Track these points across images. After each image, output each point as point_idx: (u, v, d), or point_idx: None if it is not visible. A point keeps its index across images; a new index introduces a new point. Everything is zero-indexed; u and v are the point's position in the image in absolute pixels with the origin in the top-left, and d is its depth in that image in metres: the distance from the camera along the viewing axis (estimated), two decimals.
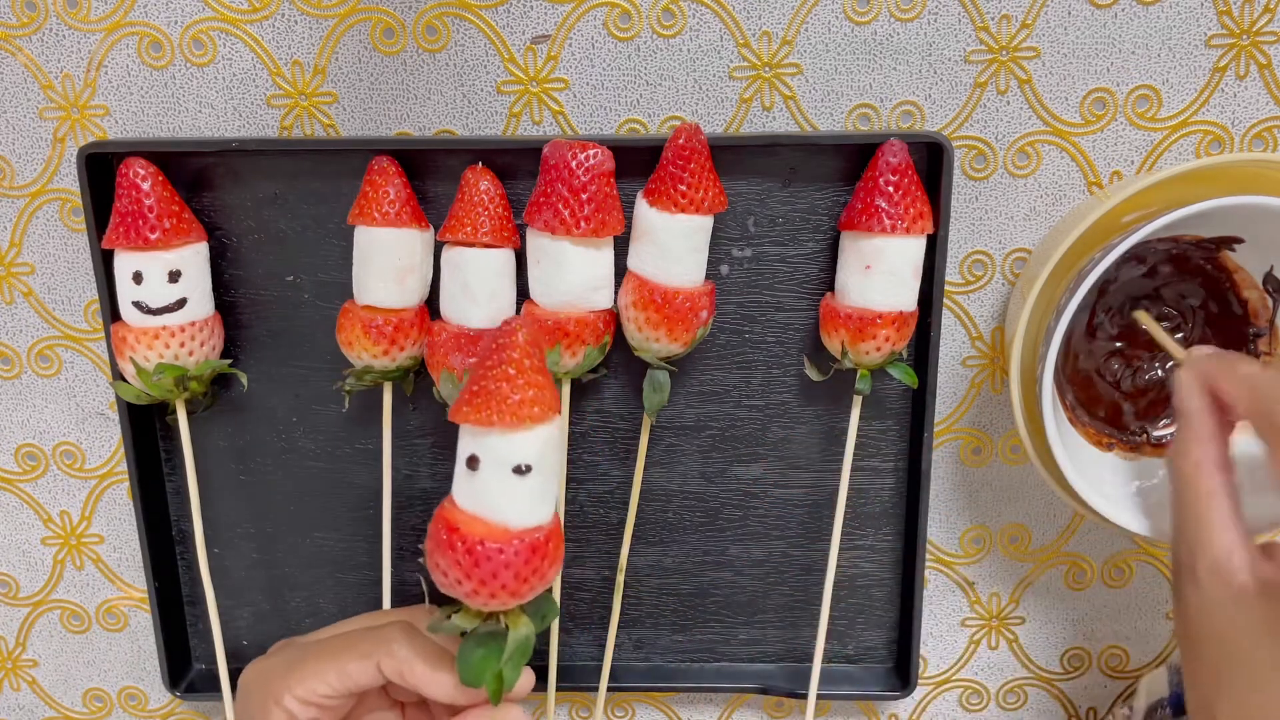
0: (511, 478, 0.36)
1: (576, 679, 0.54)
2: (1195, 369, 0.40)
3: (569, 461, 0.51)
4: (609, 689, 0.53)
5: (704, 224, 0.45)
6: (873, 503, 0.52)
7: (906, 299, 0.45)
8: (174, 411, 0.48)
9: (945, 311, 0.50)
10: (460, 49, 0.47)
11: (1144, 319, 0.46)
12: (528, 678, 0.40)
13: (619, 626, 0.52)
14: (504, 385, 0.36)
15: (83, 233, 0.50)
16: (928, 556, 0.53)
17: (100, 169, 0.47)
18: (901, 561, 0.52)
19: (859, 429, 0.50)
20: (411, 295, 0.47)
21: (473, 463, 0.37)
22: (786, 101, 0.47)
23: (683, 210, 0.44)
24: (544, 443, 0.37)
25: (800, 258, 0.48)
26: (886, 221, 0.44)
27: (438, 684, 0.39)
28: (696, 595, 0.54)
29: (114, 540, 0.55)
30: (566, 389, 0.47)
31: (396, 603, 0.52)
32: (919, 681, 0.55)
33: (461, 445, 0.37)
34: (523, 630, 0.38)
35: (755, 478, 0.52)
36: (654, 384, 0.47)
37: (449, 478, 0.51)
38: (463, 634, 0.38)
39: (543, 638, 0.45)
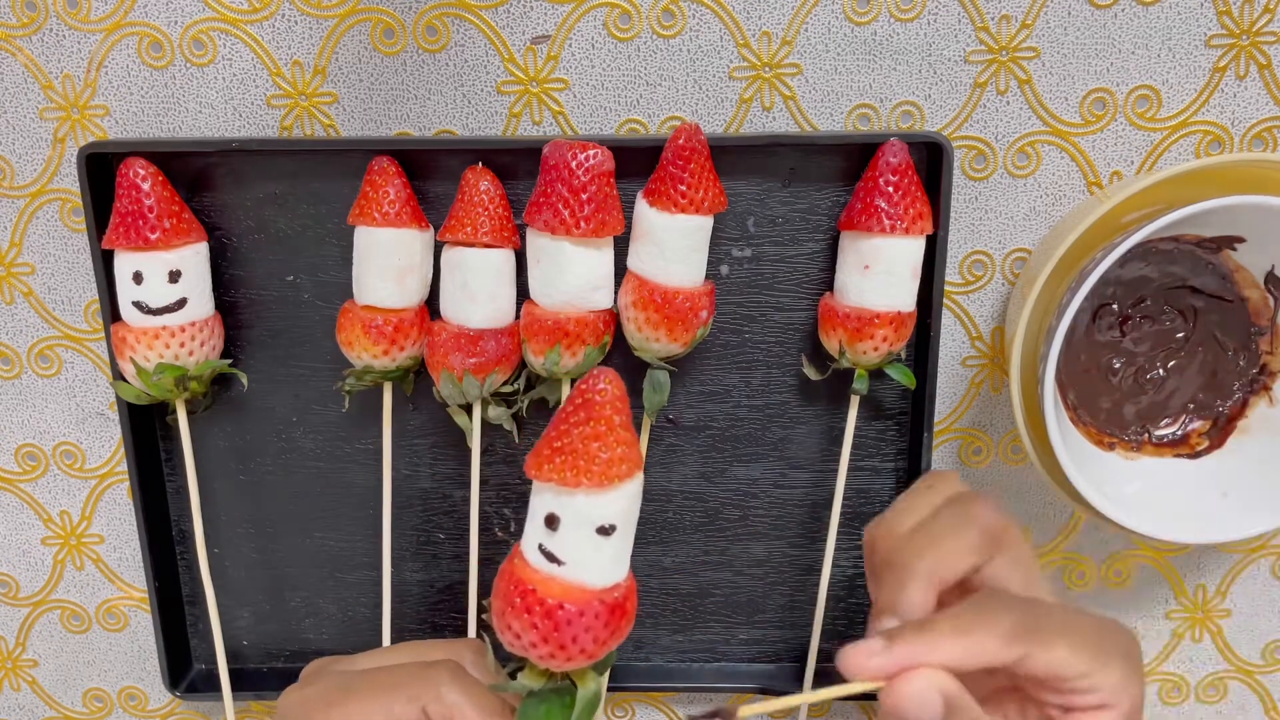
0: (595, 538, 0.34)
1: None
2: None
3: None
4: (609, 689, 0.53)
5: (704, 224, 0.45)
6: (873, 503, 0.52)
7: (905, 299, 0.45)
8: (174, 411, 0.48)
9: (945, 311, 0.50)
10: (460, 49, 0.47)
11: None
12: None
13: None
14: (593, 444, 0.33)
15: (83, 233, 0.50)
16: None
17: (100, 169, 0.47)
18: None
19: (859, 429, 0.50)
20: (411, 295, 0.47)
21: (552, 522, 0.34)
22: (786, 101, 0.47)
23: (683, 210, 0.44)
24: (630, 501, 0.35)
25: (800, 258, 0.48)
26: (886, 222, 0.44)
27: None
28: (696, 595, 0.54)
29: (114, 540, 0.55)
30: (566, 389, 0.47)
31: (396, 603, 0.52)
32: None
33: (538, 503, 0.35)
34: (591, 687, 0.36)
35: (755, 478, 0.52)
36: (654, 384, 0.47)
37: (449, 478, 0.52)
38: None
39: None
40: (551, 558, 0.34)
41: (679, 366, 0.49)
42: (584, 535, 0.34)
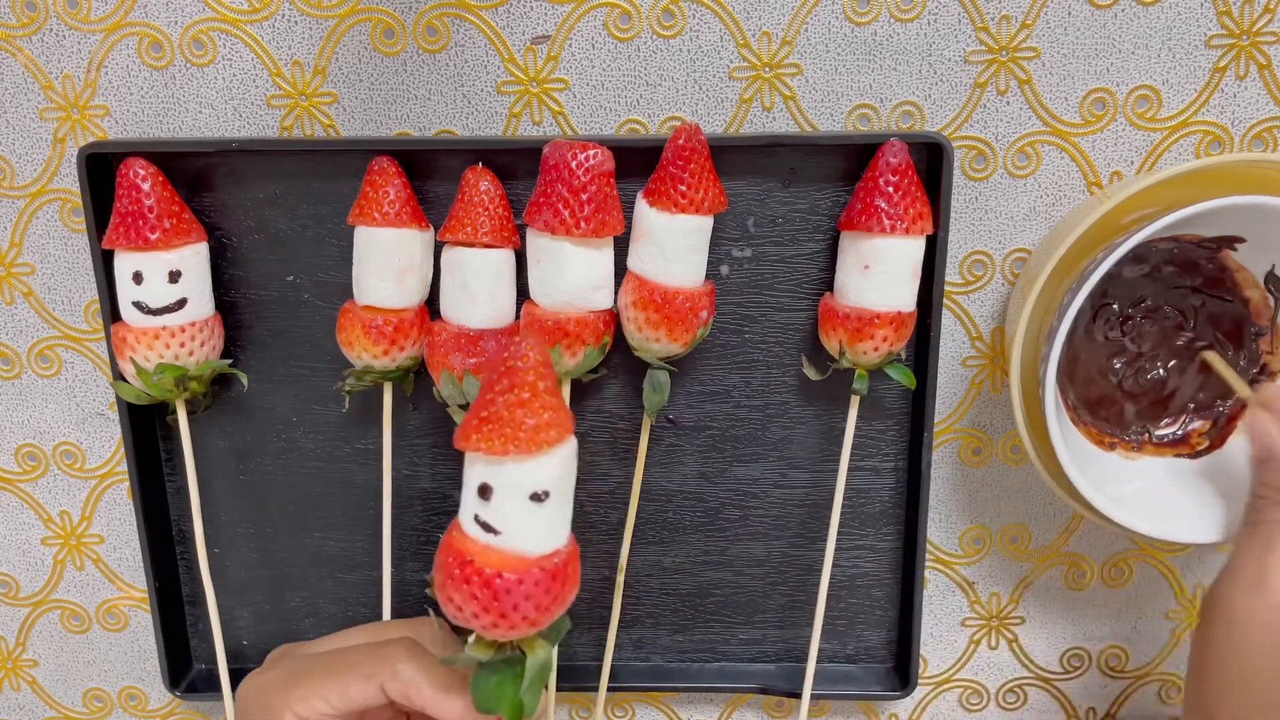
0: (528, 505, 0.34)
1: (576, 679, 0.54)
2: (1272, 410, 0.42)
3: None
4: (609, 689, 0.53)
5: (704, 224, 0.45)
6: (873, 503, 0.52)
7: (905, 299, 0.45)
8: (174, 411, 0.48)
9: (945, 311, 0.50)
10: (460, 49, 0.47)
11: (1213, 359, 0.46)
12: (543, 698, 0.38)
13: (619, 626, 0.52)
14: (518, 411, 0.33)
15: (83, 233, 0.50)
16: (928, 556, 0.53)
17: (100, 169, 0.47)
18: (901, 561, 0.53)
19: (859, 429, 0.50)
20: (411, 295, 0.47)
21: (485, 492, 0.34)
22: (786, 101, 0.47)
23: (683, 210, 0.44)
24: (561, 466, 0.35)
25: (800, 258, 0.48)
26: (886, 222, 0.44)
27: (447, 707, 0.37)
28: (696, 595, 0.54)
29: (114, 540, 0.55)
30: (566, 389, 0.47)
31: (396, 602, 0.52)
32: (919, 681, 0.55)
33: (470, 473, 0.35)
34: (540, 654, 0.36)
35: (755, 478, 0.52)
36: (654, 384, 0.47)
37: (449, 478, 0.52)
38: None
39: None
40: (488, 527, 0.34)
41: (679, 366, 0.49)
42: (517, 503, 0.34)
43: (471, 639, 0.37)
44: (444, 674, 0.38)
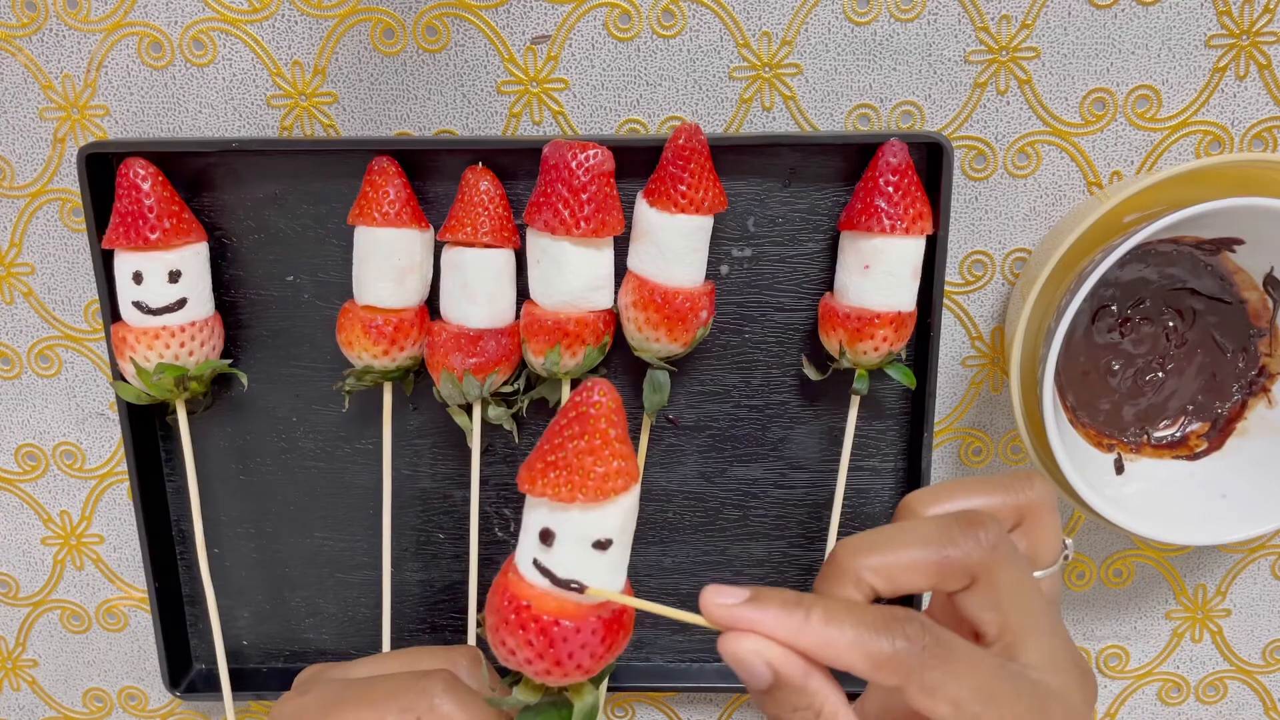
0: (590, 553, 0.33)
1: None
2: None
3: None
4: (609, 689, 0.53)
5: (704, 224, 0.45)
6: (873, 503, 0.52)
7: (905, 299, 0.45)
8: (174, 411, 0.48)
9: (945, 311, 0.50)
10: (460, 49, 0.47)
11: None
12: None
13: None
14: (587, 459, 0.32)
15: (83, 233, 0.50)
16: None
17: (100, 169, 0.47)
18: None
19: (859, 429, 0.50)
20: (411, 295, 0.47)
21: (546, 537, 0.33)
22: (786, 101, 0.47)
23: (683, 210, 0.44)
24: (625, 514, 0.34)
25: (800, 258, 0.48)
26: (886, 222, 0.44)
27: None
28: (696, 595, 0.53)
29: (114, 540, 0.55)
30: (566, 389, 0.47)
31: (396, 603, 0.52)
32: None
33: (531, 517, 0.34)
34: (588, 699, 0.35)
35: (755, 478, 0.52)
36: (654, 384, 0.48)
37: (449, 478, 0.52)
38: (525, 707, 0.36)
39: None
40: (546, 573, 0.34)
41: (679, 366, 0.49)
42: (580, 550, 0.33)
43: (513, 680, 0.36)
44: (482, 710, 0.37)
